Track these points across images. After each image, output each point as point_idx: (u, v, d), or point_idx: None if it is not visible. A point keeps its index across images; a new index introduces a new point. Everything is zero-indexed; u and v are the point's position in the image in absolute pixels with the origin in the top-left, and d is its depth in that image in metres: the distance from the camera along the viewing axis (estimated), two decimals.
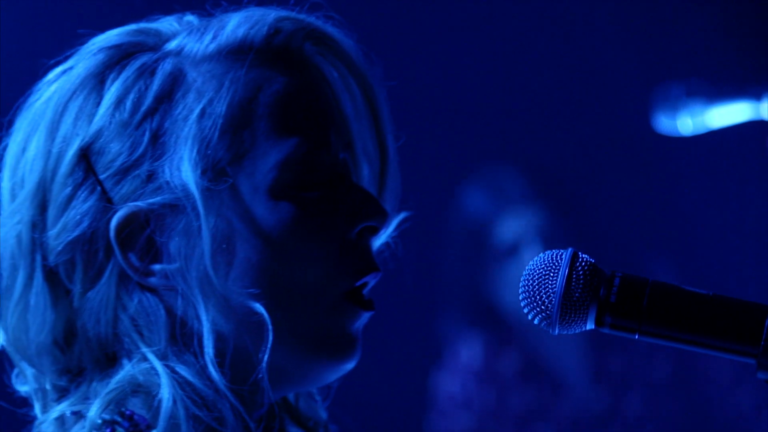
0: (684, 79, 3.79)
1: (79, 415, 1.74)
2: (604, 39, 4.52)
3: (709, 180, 4.61)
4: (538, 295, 1.60)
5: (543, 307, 1.60)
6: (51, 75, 1.85)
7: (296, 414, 1.94)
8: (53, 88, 1.81)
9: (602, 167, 4.53)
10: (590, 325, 1.60)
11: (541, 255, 1.62)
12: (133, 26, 1.85)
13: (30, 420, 1.86)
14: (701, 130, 3.71)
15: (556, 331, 1.61)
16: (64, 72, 1.82)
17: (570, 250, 1.62)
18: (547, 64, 4.47)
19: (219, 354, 1.72)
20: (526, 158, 4.35)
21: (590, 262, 1.61)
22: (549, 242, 4.16)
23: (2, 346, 1.83)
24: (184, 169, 1.72)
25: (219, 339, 1.72)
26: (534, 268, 1.62)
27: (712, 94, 3.59)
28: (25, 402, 1.88)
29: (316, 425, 1.95)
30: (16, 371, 1.87)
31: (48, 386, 1.81)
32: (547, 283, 1.60)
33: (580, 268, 1.60)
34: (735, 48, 4.38)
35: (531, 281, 1.61)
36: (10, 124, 1.86)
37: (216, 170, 1.73)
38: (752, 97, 3.54)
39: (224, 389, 1.71)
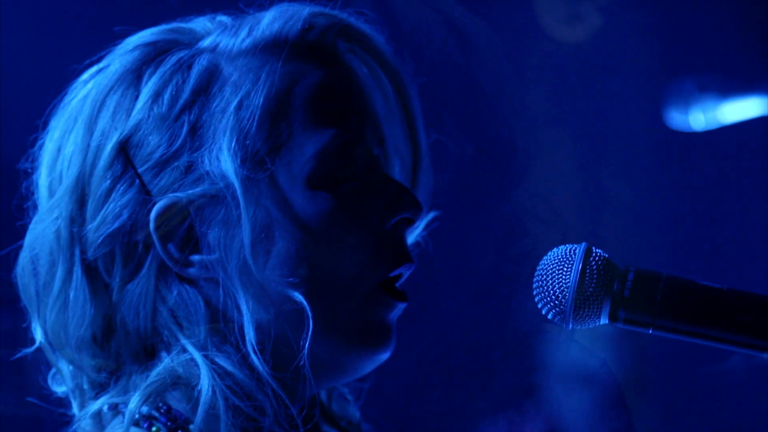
0: (696, 74, 3.78)
1: (116, 410, 1.75)
2: (618, 35, 4.52)
3: (721, 177, 4.61)
4: (552, 289, 1.60)
5: (557, 301, 1.60)
6: (86, 75, 1.87)
7: (330, 414, 1.95)
8: (89, 86, 1.83)
9: (615, 162, 4.53)
10: (604, 320, 1.61)
11: (555, 249, 1.62)
12: (166, 26, 1.87)
13: (67, 420, 1.87)
14: (713, 126, 3.71)
15: (570, 326, 1.61)
16: (99, 71, 1.85)
17: (583, 244, 1.62)
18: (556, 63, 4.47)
19: (260, 343, 1.73)
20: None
21: (604, 256, 1.61)
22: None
23: (40, 343, 1.84)
24: (223, 159, 1.74)
25: (259, 329, 1.73)
26: (548, 263, 1.62)
27: (725, 90, 3.59)
28: (62, 403, 1.89)
29: (350, 425, 1.95)
30: (52, 372, 1.88)
31: (86, 384, 1.82)
32: (561, 277, 1.60)
33: (593, 262, 1.60)
34: (747, 43, 4.38)
35: (545, 275, 1.61)
36: (45, 125, 1.87)
37: (255, 160, 1.75)
38: (765, 92, 3.53)
39: (267, 376, 1.71)
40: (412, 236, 1.93)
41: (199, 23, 1.88)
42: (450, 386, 4.38)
